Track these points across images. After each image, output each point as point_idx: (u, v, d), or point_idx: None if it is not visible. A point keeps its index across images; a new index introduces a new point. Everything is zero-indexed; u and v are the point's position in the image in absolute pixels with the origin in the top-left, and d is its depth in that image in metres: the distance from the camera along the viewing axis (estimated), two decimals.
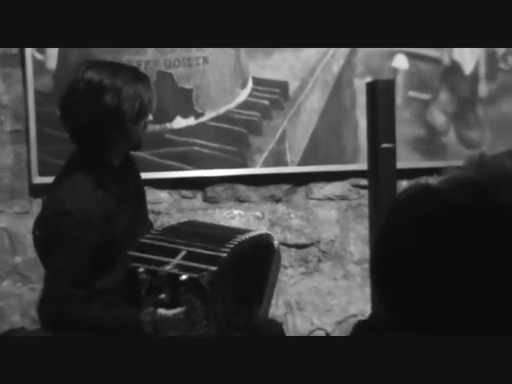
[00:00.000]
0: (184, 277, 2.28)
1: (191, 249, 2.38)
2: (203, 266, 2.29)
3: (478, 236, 1.12)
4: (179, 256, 2.34)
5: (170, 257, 2.34)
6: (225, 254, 2.34)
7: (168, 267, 2.31)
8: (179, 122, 3.68)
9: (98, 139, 2.49)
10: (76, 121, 2.50)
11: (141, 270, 2.32)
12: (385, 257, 1.19)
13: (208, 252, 2.36)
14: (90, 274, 2.41)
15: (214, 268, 2.28)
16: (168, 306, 2.30)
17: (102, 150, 2.53)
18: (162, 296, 2.30)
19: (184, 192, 3.76)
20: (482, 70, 3.90)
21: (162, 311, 2.30)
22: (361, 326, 1.37)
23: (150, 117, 2.60)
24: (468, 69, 3.89)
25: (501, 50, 3.90)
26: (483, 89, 3.91)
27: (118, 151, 2.57)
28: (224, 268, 2.33)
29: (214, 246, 2.39)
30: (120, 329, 2.35)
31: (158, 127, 3.62)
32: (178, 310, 2.29)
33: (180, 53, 3.64)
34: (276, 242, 2.67)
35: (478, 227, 1.13)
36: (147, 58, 3.61)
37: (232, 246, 2.40)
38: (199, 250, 2.37)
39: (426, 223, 1.15)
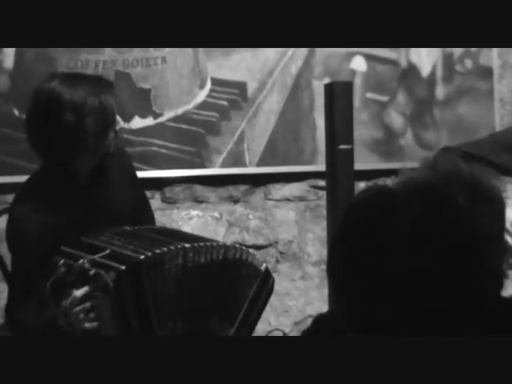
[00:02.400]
0: (92, 272, 2.27)
1: (117, 249, 2.36)
2: (114, 265, 2.27)
3: (434, 236, 1.13)
4: (100, 254, 2.32)
5: (91, 254, 2.32)
6: (142, 256, 2.29)
7: (81, 261, 2.30)
8: (137, 123, 3.66)
9: (59, 155, 2.47)
10: (36, 139, 2.48)
11: (60, 262, 2.33)
12: (341, 258, 1.19)
13: (129, 253, 2.33)
14: (37, 281, 2.42)
15: (122, 267, 2.26)
16: (81, 301, 2.30)
17: (63, 164, 2.51)
18: (74, 291, 2.30)
19: None
20: (439, 73, 3.94)
21: (67, 303, 2.29)
22: (319, 321, 1.37)
23: (121, 123, 2.57)
24: (425, 71, 3.93)
25: (457, 53, 3.93)
26: (440, 91, 3.94)
27: (83, 163, 2.53)
28: (137, 269, 2.28)
29: (144, 249, 2.34)
30: (43, 325, 2.39)
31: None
32: (84, 304, 2.29)
33: (138, 53, 3.62)
34: (264, 266, 2.61)
35: (434, 228, 1.13)
36: (105, 58, 3.59)
37: (160, 250, 2.33)
38: (122, 251, 2.34)
39: (382, 224, 1.15)
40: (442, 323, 1.14)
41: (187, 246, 2.37)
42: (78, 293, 2.29)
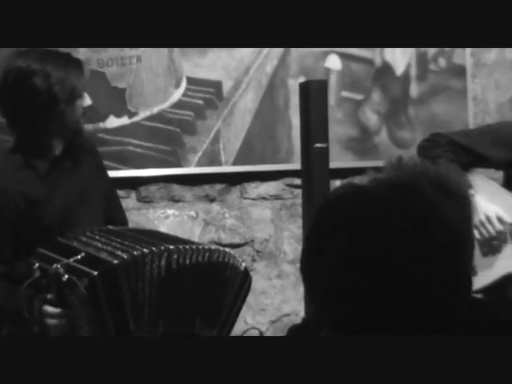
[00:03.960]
0: (65, 277, 2.25)
1: (93, 251, 2.34)
2: (87, 270, 2.25)
3: (408, 234, 1.14)
4: (74, 257, 2.30)
5: (67, 256, 2.31)
6: (116, 261, 2.26)
7: (55, 266, 2.28)
8: (112, 122, 3.65)
9: (33, 124, 2.54)
10: (9, 108, 2.55)
11: (35, 266, 2.32)
12: (314, 255, 1.20)
13: (105, 256, 2.31)
14: (6, 251, 2.48)
15: (94, 273, 2.24)
16: (55, 306, 2.29)
17: (37, 135, 2.57)
18: (49, 296, 2.29)
19: (118, 192, 3.73)
20: (413, 71, 3.96)
21: (46, 309, 2.29)
22: (295, 331, 1.38)
23: (88, 101, 2.64)
24: (399, 69, 3.95)
25: (431, 52, 3.96)
26: (414, 89, 3.97)
27: (54, 136, 2.60)
28: (110, 274, 2.25)
29: (122, 251, 2.31)
30: (10, 318, 2.41)
31: (90, 126, 3.58)
32: (59, 311, 2.28)
33: (113, 52, 3.62)
34: (243, 265, 2.60)
35: (407, 225, 1.14)
36: (79, 57, 3.57)
37: (140, 251, 2.30)
38: (98, 254, 2.33)
39: (356, 222, 1.16)
40: (416, 321, 1.15)
41: (171, 247, 2.36)
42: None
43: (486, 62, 4.05)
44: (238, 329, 3.79)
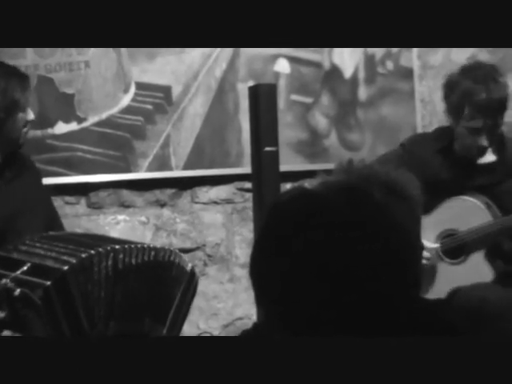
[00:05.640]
0: (17, 292, 2.21)
1: (38, 260, 2.31)
2: (38, 281, 2.21)
3: (356, 238, 1.15)
4: (21, 269, 2.26)
5: (11, 270, 2.27)
6: (66, 267, 2.23)
7: (3, 281, 2.23)
8: (61, 128, 3.62)
9: None
10: None
11: None
12: (264, 259, 1.20)
13: (52, 264, 2.28)
14: None
15: (47, 283, 2.21)
16: (10, 324, 2.24)
17: None
18: (2, 314, 2.23)
19: (67, 198, 3.70)
20: (361, 74, 3.99)
21: (6, 333, 2.25)
22: (246, 336, 1.37)
23: (31, 115, 2.68)
24: (348, 72, 3.97)
25: (379, 55, 3.99)
26: (363, 92, 3.99)
27: None
28: (62, 281, 2.23)
29: (68, 255, 2.28)
30: None
31: (39, 133, 3.56)
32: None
33: (61, 57, 3.59)
34: (189, 266, 2.59)
35: (355, 229, 1.15)
36: (27, 63, 3.54)
37: (87, 253, 2.28)
38: (44, 262, 2.30)
39: (303, 225, 1.16)
40: (369, 323, 1.15)
41: (117, 247, 2.35)
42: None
43: (433, 64, 4.09)
44: (190, 333, 3.78)
